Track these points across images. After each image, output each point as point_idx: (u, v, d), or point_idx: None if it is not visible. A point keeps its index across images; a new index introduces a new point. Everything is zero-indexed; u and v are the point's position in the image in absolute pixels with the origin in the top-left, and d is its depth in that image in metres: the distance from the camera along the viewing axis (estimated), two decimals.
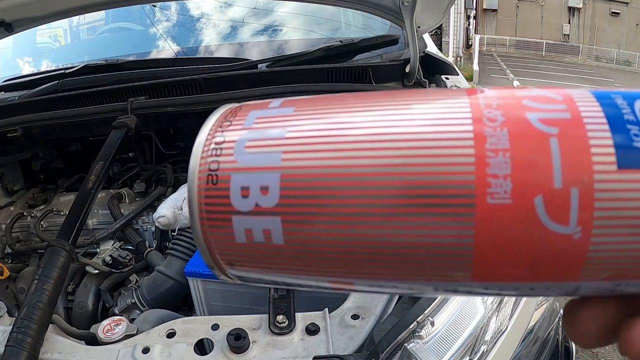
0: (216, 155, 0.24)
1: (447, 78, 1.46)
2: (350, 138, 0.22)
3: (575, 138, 0.20)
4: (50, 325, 0.86)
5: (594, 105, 0.21)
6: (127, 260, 1.21)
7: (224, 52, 1.78)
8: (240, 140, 0.24)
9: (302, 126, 0.24)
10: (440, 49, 1.98)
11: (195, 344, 0.79)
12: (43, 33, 2.19)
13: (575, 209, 0.19)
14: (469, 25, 16.20)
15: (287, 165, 0.23)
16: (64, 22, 2.16)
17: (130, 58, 1.76)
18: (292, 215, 0.22)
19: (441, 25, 1.51)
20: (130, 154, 1.64)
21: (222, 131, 0.25)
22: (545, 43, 20.21)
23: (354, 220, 0.22)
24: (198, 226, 0.24)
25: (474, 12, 16.72)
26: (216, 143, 0.24)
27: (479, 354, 0.80)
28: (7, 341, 0.77)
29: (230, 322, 0.82)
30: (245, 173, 0.23)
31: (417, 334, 0.74)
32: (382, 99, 0.24)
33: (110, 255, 1.20)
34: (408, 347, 0.73)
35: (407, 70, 1.47)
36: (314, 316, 0.81)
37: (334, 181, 0.22)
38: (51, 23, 1.68)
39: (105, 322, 0.87)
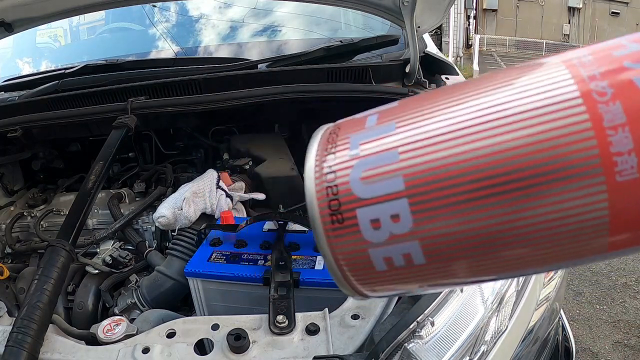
0: (333, 194, 0.23)
1: (447, 78, 1.46)
2: (465, 132, 0.22)
3: None
4: (50, 325, 0.86)
5: None
6: (127, 260, 1.21)
7: (224, 52, 1.78)
8: (353, 172, 0.23)
9: (412, 141, 0.23)
10: (440, 49, 1.98)
11: (195, 344, 0.79)
12: (43, 33, 2.19)
13: None
14: (469, 25, 16.19)
15: (413, 188, 0.22)
16: (64, 22, 2.16)
17: (130, 58, 1.76)
18: (431, 235, 0.22)
19: (441, 25, 1.51)
20: (130, 154, 1.64)
21: (330, 165, 0.24)
22: (545, 43, 20.19)
23: (490, 212, 0.21)
24: (335, 266, 0.24)
25: (474, 12, 16.70)
26: (328, 180, 0.24)
27: (479, 354, 0.80)
28: (7, 341, 0.77)
29: (230, 322, 0.82)
30: (371, 206, 0.22)
31: (417, 334, 0.74)
32: (478, 86, 0.23)
33: (110, 255, 1.19)
34: (408, 347, 0.73)
35: (407, 70, 1.47)
36: (314, 316, 0.81)
37: (464, 182, 0.21)
38: (51, 23, 1.68)
39: (105, 322, 0.87)
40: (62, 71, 1.65)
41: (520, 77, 0.23)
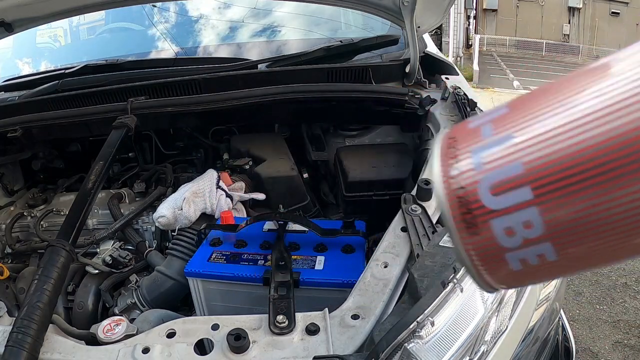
0: (467, 209, 0.25)
1: (447, 78, 1.46)
2: (580, 123, 0.23)
3: None
4: (50, 325, 0.86)
5: None
6: (127, 260, 1.21)
7: (224, 52, 1.78)
8: (482, 187, 0.25)
9: (534, 150, 0.24)
10: (440, 49, 1.98)
11: (195, 344, 0.79)
12: (43, 33, 2.19)
13: None
14: (469, 25, 16.18)
15: (541, 197, 0.23)
16: (64, 22, 2.16)
17: (130, 58, 1.76)
18: (563, 235, 0.23)
19: (441, 25, 1.51)
20: (130, 154, 1.64)
21: (458, 181, 0.25)
22: (545, 43, 20.17)
23: (613, 193, 0.22)
24: (472, 268, 0.26)
25: (474, 12, 16.69)
26: (459, 196, 0.25)
27: (479, 354, 0.80)
28: (7, 341, 0.77)
29: (230, 322, 0.82)
30: (503, 216, 0.24)
31: (417, 334, 0.74)
32: (580, 80, 0.25)
33: (110, 255, 1.19)
34: (408, 347, 0.73)
35: (407, 70, 1.47)
36: (314, 316, 0.81)
37: (588, 172, 0.22)
38: (51, 23, 1.68)
39: (105, 322, 0.87)
40: (62, 71, 1.65)
41: (617, 67, 0.24)
